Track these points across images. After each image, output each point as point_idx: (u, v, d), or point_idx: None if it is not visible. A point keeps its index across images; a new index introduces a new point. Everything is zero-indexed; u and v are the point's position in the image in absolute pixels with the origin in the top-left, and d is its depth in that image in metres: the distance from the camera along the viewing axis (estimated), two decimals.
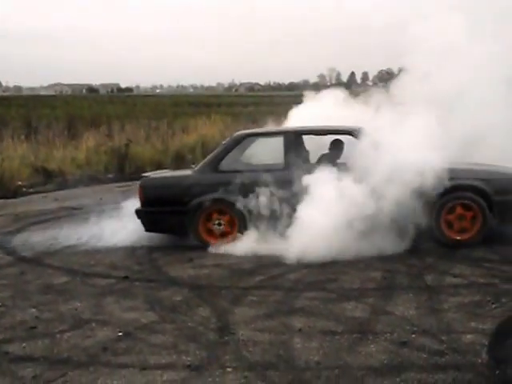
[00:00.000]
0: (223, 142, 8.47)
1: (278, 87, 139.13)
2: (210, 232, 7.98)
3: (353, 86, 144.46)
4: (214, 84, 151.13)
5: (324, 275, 6.63)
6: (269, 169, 7.90)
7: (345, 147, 8.44)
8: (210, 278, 6.69)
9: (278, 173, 7.82)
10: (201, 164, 8.35)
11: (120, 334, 5.13)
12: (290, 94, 76.47)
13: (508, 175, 7.68)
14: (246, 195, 7.76)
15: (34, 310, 5.85)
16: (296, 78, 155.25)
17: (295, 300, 5.85)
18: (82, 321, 5.48)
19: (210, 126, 19.13)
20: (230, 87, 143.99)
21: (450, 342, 4.69)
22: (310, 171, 7.65)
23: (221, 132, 18.64)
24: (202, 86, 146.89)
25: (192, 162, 17.02)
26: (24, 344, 4.99)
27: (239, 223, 7.89)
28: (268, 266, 7.04)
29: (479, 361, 4.34)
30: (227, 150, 8.21)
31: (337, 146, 8.45)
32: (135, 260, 7.61)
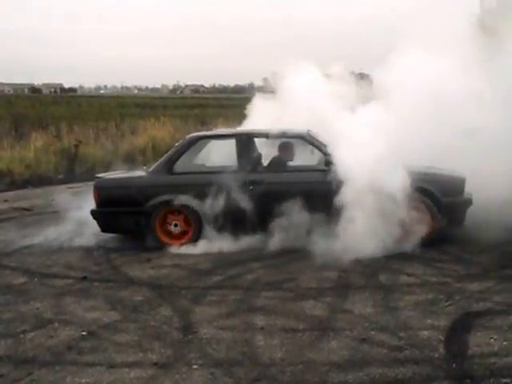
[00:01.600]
0: (176, 144, 8.52)
1: (224, 89, 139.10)
2: (167, 233, 8.02)
3: None
4: (158, 85, 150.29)
5: (281, 275, 6.76)
6: (222, 170, 7.99)
7: (293, 150, 8.58)
8: (169, 278, 6.75)
9: (232, 175, 7.93)
10: (155, 165, 8.39)
11: (84, 333, 5.15)
12: (236, 97, 76.87)
13: (456, 177, 7.91)
14: (200, 196, 7.84)
15: None
16: (242, 81, 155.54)
17: (255, 299, 5.95)
18: (45, 321, 5.47)
19: (160, 127, 19.09)
20: (175, 89, 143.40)
21: (407, 338, 4.86)
22: (262, 173, 7.83)
23: (171, 134, 18.63)
24: (147, 88, 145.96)
25: (143, 163, 16.99)
26: None
27: (195, 224, 7.96)
28: (225, 266, 7.13)
29: (436, 355, 4.52)
30: (181, 151, 8.27)
31: (286, 148, 8.57)
32: (92, 260, 7.60)
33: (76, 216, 8.91)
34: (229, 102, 53.92)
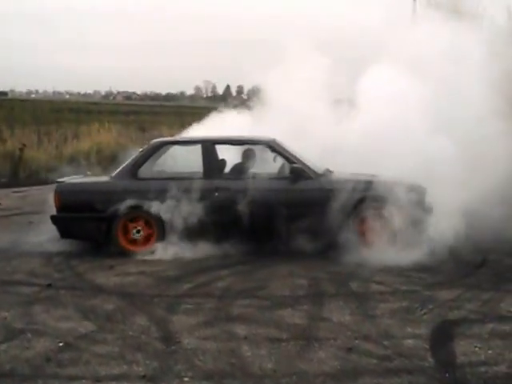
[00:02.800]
0: (141, 149, 8.35)
1: (156, 97, 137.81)
2: (129, 239, 7.84)
3: (228, 98, 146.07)
4: (90, 91, 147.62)
5: (251, 283, 6.69)
6: (187, 177, 7.90)
7: (255, 157, 8.55)
8: (138, 286, 6.58)
9: (197, 181, 7.83)
10: (119, 170, 8.19)
11: (60, 344, 4.93)
12: (169, 105, 76.54)
13: (416, 186, 7.98)
14: (164, 202, 7.70)
15: None
16: (173, 89, 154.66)
17: (230, 308, 5.85)
18: (16, 331, 5.22)
19: (104, 133, 18.76)
20: (107, 95, 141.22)
21: (393, 347, 4.85)
22: (227, 180, 7.78)
23: (115, 139, 18.32)
24: (79, 93, 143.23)
25: (87, 168, 16.65)
26: None
27: (158, 231, 7.82)
28: (193, 274, 7.02)
29: (427, 364, 4.52)
30: (146, 156, 8.12)
31: (249, 155, 8.53)
32: (54, 267, 7.36)
33: (29, 220, 8.63)
34: (162, 110, 53.78)
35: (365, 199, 7.79)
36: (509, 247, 7.62)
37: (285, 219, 7.79)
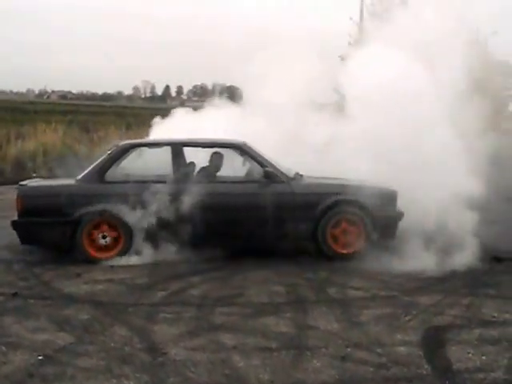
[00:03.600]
0: (109, 151, 8.04)
1: (92, 97, 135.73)
2: (95, 245, 7.53)
3: (168, 99, 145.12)
4: (23, 90, 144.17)
5: (227, 290, 6.52)
6: (156, 180, 7.67)
7: (223, 161, 8.38)
8: (109, 295, 6.31)
9: (166, 184, 7.62)
10: (85, 173, 7.85)
11: (40, 357, 4.65)
12: (107, 105, 75.43)
13: (387, 190, 7.98)
14: (133, 207, 7.44)
15: None
16: (110, 89, 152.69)
17: (211, 316, 5.67)
18: None
19: (50, 133, 18.18)
20: (41, 94, 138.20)
21: (387, 354, 4.77)
22: (197, 183, 7.59)
23: (61, 139, 17.78)
24: (11, 91, 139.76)
25: (33, 169, 16.17)
26: None
27: (125, 236, 7.55)
28: (165, 281, 6.79)
29: (424, 372, 4.46)
30: (113, 159, 7.82)
31: (216, 159, 8.36)
32: (16, 275, 6.99)
33: None
34: (101, 110, 52.84)
35: (337, 203, 7.73)
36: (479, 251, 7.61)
37: (256, 223, 7.67)
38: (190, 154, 8.26)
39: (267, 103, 9.16)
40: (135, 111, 52.35)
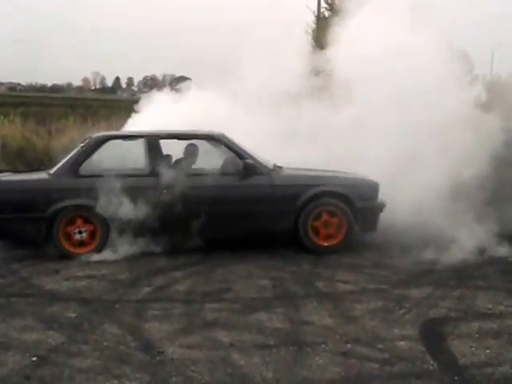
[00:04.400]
0: (82, 144, 7.74)
1: (42, 88, 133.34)
2: (71, 241, 7.27)
3: (118, 90, 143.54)
4: None
5: (212, 285, 6.34)
6: (132, 173, 7.45)
7: (198, 153, 8.18)
8: (93, 291, 6.08)
9: (142, 178, 7.42)
10: (58, 166, 7.56)
11: (34, 358, 4.42)
12: (57, 96, 74.13)
13: (368, 182, 7.91)
14: (108, 201, 7.19)
15: None
16: (60, 80, 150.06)
17: (202, 312, 5.49)
18: None
19: (8, 125, 17.63)
20: None
21: (389, 350, 4.66)
22: (174, 176, 7.38)
23: (20, 132, 17.26)
24: None
25: None
26: None
27: (102, 231, 7.30)
28: (146, 276, 6.59)
29: (431, 368, 4.35)
30: (88, 152, 7.54)
31: (191, 151, 8.16)
32: None
33: None
34: (52, 102, 51.83)
35: (318, 195, 7.61)
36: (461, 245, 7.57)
37: (235, 216, 7.51)
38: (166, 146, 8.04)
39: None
40: (87, 102, 51.43)
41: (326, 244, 7.65)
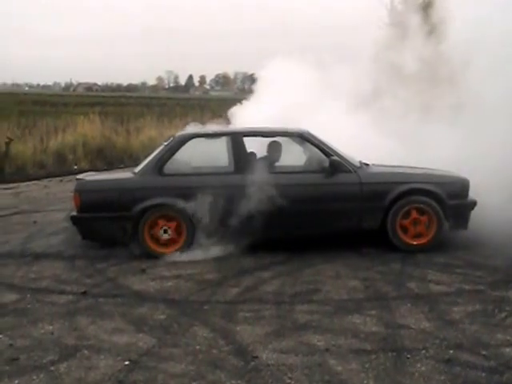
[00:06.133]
0: (165, 143, 7.71)
1: (117, 88, 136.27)
2: (156, 240, 7.24)
3: (191, 88, 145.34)
4: (50, 83, 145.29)
5: (301, 286, 6.19)
6: (217, 172, 7.37)
7: (282, 150, 8.03)
8: (181, 292, 6.01)
9: (227, 176, 7.32)
10: (143, 166, 7.56)
11: (126, 363, 4.37)
12: (132, 95, 75.59)
13: (459, 179, 7.63)
14: (193, 200, 7.12)
15: (0, 336, 4.90)
16: (135, 80, 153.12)
17: (293, 314, 5.35)
18: (69, 348, 4.63)
19: (89, 125, 17.96)
20: (67, 87, 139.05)
21: (494, 357, 4.42)
22: (257, 174, 7.24)
23: (100, 131, 17.56)
24: (38, 85, 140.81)
25: (74, 161, 15.99)
26: (17, 381, 4.11)
27: (187, 230, 7.24)
28: (233, 277, 6.49)
29: None
30: (172, 151, 7.49)
31: (274, 148, 8.00)
32: (80, 272, 6.71)
33: (33, 220, 7.99)
34: (127, 101, 52.83)
35: (407, 193, 7.36)
36: None
37: (322, 215, 7.35)
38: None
39: None
40: (161, 101, 52.31)
41: (415, 243, 7.40)
